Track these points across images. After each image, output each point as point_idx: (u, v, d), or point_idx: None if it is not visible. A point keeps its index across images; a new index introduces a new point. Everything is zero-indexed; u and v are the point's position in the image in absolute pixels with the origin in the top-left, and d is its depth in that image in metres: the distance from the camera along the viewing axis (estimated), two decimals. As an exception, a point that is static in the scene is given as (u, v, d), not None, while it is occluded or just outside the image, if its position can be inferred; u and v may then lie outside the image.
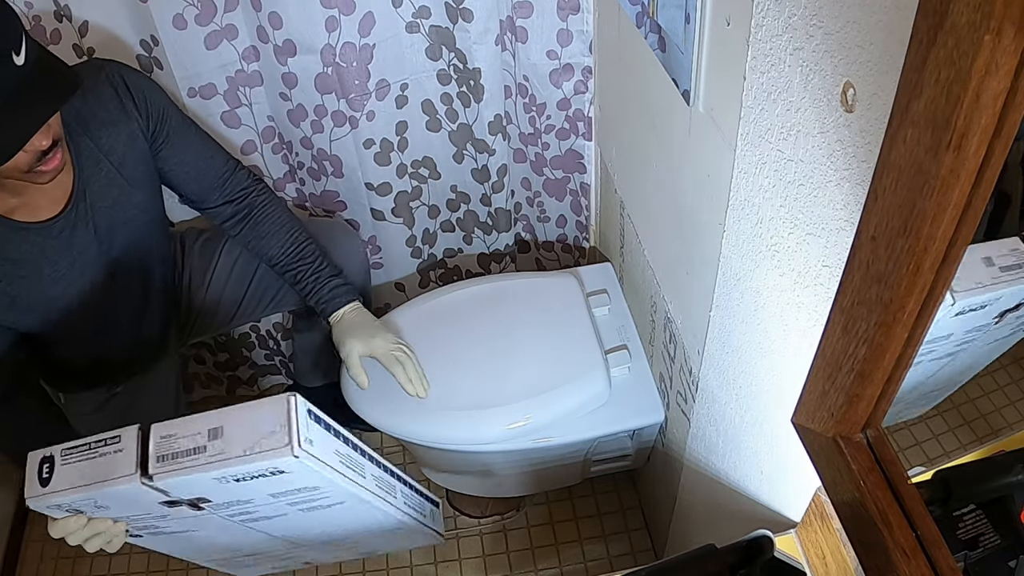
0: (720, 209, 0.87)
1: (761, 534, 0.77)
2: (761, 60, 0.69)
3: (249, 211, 1.35)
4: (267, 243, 1.36)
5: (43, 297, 1.14)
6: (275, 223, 1.36)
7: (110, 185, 1.17)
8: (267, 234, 1.35)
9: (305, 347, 1.68)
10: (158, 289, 1.37)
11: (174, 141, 1.23)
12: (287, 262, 1.36)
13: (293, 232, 1.36)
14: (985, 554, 0.66)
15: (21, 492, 0.87)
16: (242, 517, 0.91)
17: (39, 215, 1.10)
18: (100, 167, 1.15)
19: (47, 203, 1.11)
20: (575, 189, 1.64)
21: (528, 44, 1.40)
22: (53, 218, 1.12)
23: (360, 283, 1.57)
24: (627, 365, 1.39)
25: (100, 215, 1.17)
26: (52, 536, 0.92)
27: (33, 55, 0.95)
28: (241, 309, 1.50)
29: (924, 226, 0.46)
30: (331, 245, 1.49)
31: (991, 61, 0.37)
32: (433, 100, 1.48)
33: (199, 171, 1.28)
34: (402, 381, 1.32)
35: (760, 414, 0.90)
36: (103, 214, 1.17)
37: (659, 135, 1.09)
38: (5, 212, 1.07)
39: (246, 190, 1.35)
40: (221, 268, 1.46)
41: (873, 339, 0.54)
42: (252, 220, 1.35)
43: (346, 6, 1.28)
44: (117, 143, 1.16)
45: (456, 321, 1.45)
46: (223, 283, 1.46)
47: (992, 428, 0.67)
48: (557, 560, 1.65)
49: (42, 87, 0.95)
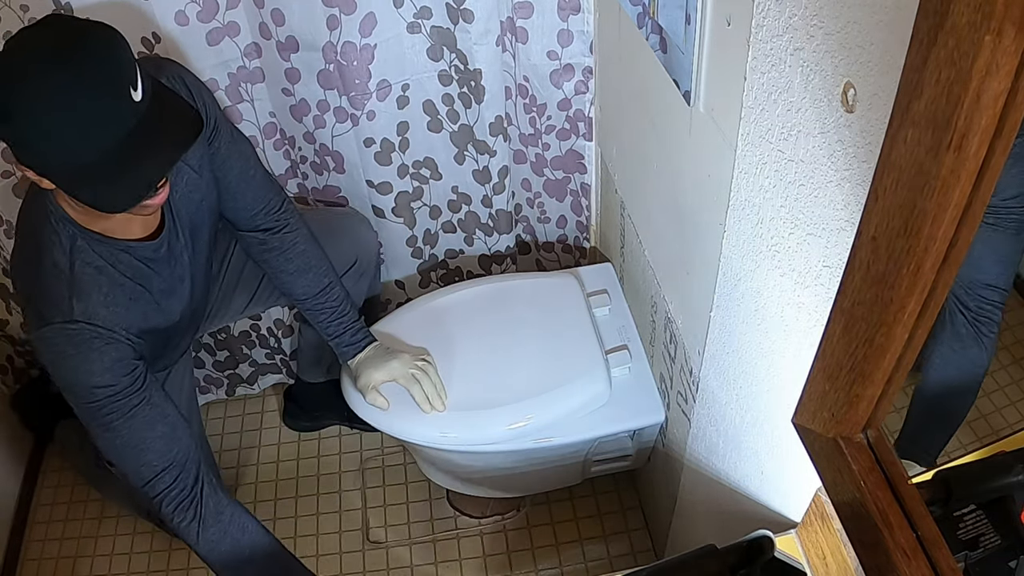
0: (721, 209, 0.87)
1: (761, 534, 0.77)
2: (762, 60, 0.69)
3: (280, 245, 1.31)
4: (294, 280, 1.34)
5: (167, 315, 1.14)
6: (306, 263, 1.33)
7: (191, 191, 1.16)
8: (296, 271, 1.33)
9: (311, 340, 1.68)
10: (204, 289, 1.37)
11: (222, 151, 1.19)
12: (312, 304, 1.35)
13: (321, 275, 1.34)
14: (985, 554, 0.66)
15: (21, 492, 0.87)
16: None
17: (132, 232, 1.07)
18: (181, 174, 1.13)
19: (144, 222, 1.09)
20: (575, 189, 1.64)
21: (528, 45, 1.40)
22: (152, 236, 1.10)
23: (372, 274, 1.59)
24: (627, 365, 1.39)
25: (185, 222, 1.16)
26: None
27: (150, 90, 0.91)
28: (256, 297, 1.51)
29: (924, 226, 0.46)
30: (347, 234, 1.50)
31: (991, 61, 0.37)
32: (434, 101, 1.48)
33: (239, 189, 1.24)
34: (419, 400, 1.32)
35: (760, 414, 0.90)
36: (187, 220, 1.16)
37: (660, 135, 1.09)
38: (105, 231, 1.03)
39: (282, 222, 1.31)
40: (236, 258, 1.46)
41: (873, 340, 0.54)
42: (283, 255, 1.32)
43: (347, 5, 1.28)
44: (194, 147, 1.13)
45: (457, 322, 1.45)
46: (239, 272, 1.47)
47: (992, 428, 0.67)
48: (557, 560, 1.65)
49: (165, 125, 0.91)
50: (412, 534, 1.71)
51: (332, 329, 1.37)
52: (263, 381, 1.92)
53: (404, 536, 1.71)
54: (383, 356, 1.35)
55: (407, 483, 1.79)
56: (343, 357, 1.38)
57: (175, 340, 1.25)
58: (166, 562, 1.68)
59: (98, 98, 0.85)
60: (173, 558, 1.69)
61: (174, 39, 1.29)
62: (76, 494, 1.79)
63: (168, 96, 0.95)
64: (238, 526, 1.11)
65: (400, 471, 1.81)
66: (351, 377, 1.37)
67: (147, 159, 0.90)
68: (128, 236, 1.07)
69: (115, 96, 0.87)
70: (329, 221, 1.50)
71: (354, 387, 1.36)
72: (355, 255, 1.52)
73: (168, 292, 1.15)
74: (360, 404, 1.36)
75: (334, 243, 1.47)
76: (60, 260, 1.01)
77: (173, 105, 0.95)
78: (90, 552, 1.69)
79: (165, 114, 0.92)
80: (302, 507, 1.77)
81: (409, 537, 1.71)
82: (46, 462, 1.84)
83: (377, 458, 1.84)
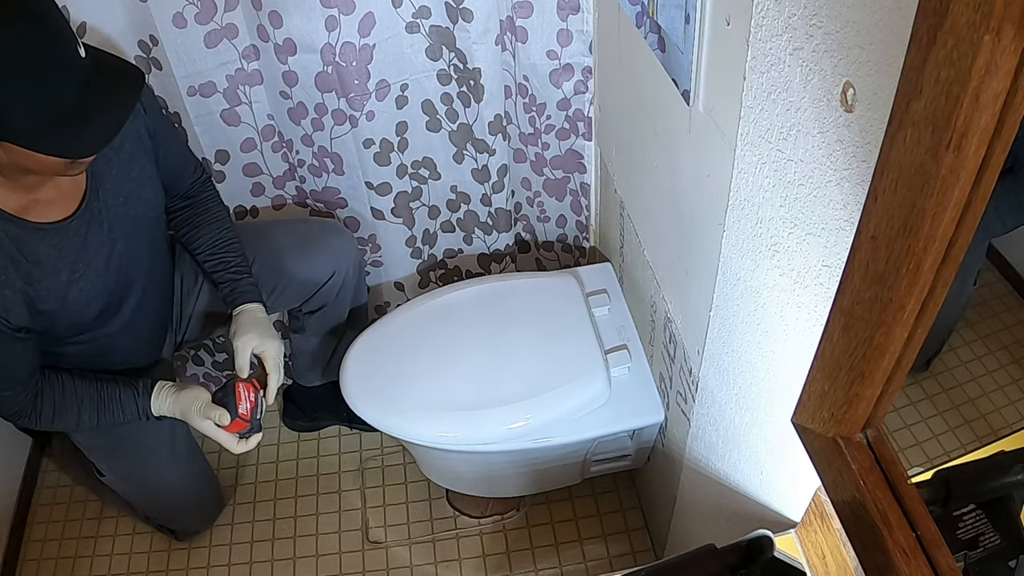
0: (720, 209, 0.87)
1: (761, 534, 0.77)
2: (761, 60, 0.69)
3: (192, 203, 1.38)
4: (198, 233, 1.38)
5: (62, 300, 1.13)
6: (211, 218, 1.38)
7: (121, 182, 1.17)
8: (201, 224, 1.38)
9: (303, 347, 1.68)
10: (160, 293, 1.37)
11: (161, 139, 1.24)
12: (212, 253, 1.37)
13: (225, 230, 1.39)
14: (985, 554, 0.65)
15: (21, 491, 0.87)
16: None
17: (52, 215, 1.09)
18: (110, 165, 1.15)
19: (61, 201, 1.10)
20: (575, 189, 1.64)
21: (528, 44, 1.40)
22: (68, 217, 1.11)
23: (354, 284, 1.57)
24: (627, 365, 1.38)
25: (112, 212, 1.16)
26: None
27: (90, 50, 0.96)
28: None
29: (924, 226, 0.46)
30: (323, 246, 1.49)
31: (991, 61, 0.37)
32: (433, 100, 1.48)
33: (176, 169, 1.30)
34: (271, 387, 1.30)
35: (760, 414, 0.90)
36: (115, 211, 1.17)
37: (659, 135, 1.09)
38: (18, 212, 1.05)
39: (200, 186, 1.38)
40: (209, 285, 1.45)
41: (873, 339, 0.54)
42: (191, 211, 1.38)
43: (346, 6, 1.28)
44: (126, 140, 1.16)
45: (456, 321, 1.45)
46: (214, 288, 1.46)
47: (992, 428, 0.67)
48: (557, 560, 1.65)
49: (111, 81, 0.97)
50: (411, 534, 1.71)
51: (227, 277, 1.36)
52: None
53: (403, 536, 1.71)
54: (267, 328, 1.33)
55: (406, 483, 1.79)
56: (231, 304, 1.35)
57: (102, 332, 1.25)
58: (166, 562, 1.68)
59: (58, 51, 0.91)
60: (173, 558, 1.69)
61: (172, 41, 1.29)
62: (76, 494, 1.79)
63: (101, 53, 1.00)
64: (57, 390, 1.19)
65: (399, 471, 1.81)
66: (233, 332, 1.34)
67: (109, 104, 0.96)
68: (47, 217, 1.09)
69: (69, 50, 0.93)
70: (304, 233, 1.50)
71: (355, 388, 1.36)
72: (332, 268, 1.51)
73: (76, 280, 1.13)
74: (360, 405, 1.36)
75: (309, 256, 1.48)
76: None
77: (111, 60, 1.00)
78: (90, 552, 1.69)
79: (108, 66, 0.99)
80: (301, 507, 1.77)
81: (408, 537, 1.71)
82: (46, 462, 1.84)
83: (376, 458, 1.84)
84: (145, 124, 1.19)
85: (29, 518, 1.75)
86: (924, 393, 0.68)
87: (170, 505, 1.60)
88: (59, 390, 1.20)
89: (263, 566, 1.68)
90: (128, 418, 1.24)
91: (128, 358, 1.35)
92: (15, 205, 1.05)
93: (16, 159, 0.96)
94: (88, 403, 1.21)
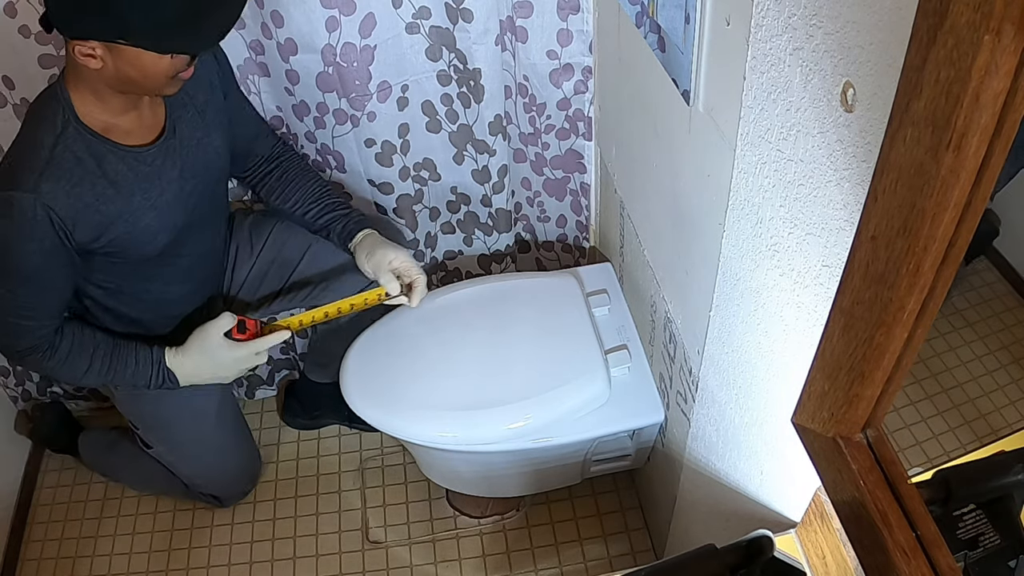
0: (720, 209, 0.87)
1: (761, 534, 0.77)
2: (761, 60, 0.69)
3: (279, 164, 1.43)
4: (293, 188, 1.42)
5: (132, 224, 1.17)
6: (301, 172, 1.43)
7: (195, 126, 1.23)
8: (293, 180, 1.43)
9: (321, 347, 1.68)
10: (217, 248, 1.42)
11: (234, 96, 1.32)
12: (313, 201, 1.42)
13: (316, 180, 1.44)
14: (985, 554, 0.65)
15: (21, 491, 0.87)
16: None
17: (130, 141, 1.14)
18: (186, 108, 1.22)
19: (139, 131, 1.15)
20: (575, 189, 1.64)
21: (528, 44, 1.40)
22: (147, 145, 1.16)
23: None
24: (627, 365, 1.38)
25: (186, 152, 1.22)
26: None
27: None
28: (285, 289, 1.52)
29: (924, 226, 0.46)
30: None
31: (991, 61, 0.37)
32: (433, 101, 1.48)
33: (252, 133, 1.37)
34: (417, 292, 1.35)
35: (760, 414, 0.90)
36: (188, 152, 1.22)
37: (659, 135, 1.09)
38: (101, 131, 1.10)
39: (282, 147, 1.44)
40: (269, 248, 1.49)
41: (873, 339, 0.54)
42: (280, 170, 1.43)
43: (346, 7, 1.28)
44: (200, 88, 1.22)
45: (456, 321, 1.45)
46: (268, 263, 1.49)
47: (992, 428, 0.67)
48: (557, 560, 1.65)
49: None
50: (411, 534, 1.71)
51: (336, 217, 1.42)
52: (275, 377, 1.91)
53: (403, 536, 1.71)
54: (386, 242, 1.37)
55: (406, 483, 1.79)
56: (349, 235, 1.39)
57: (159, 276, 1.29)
58: (166, 562, 1.68)
59: None
60: (173, 558, 1.69)
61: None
62: (76, 494, 1.79)
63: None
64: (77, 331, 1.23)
65: (399, 471, 1.81)
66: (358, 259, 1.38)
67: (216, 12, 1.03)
68: (126, 141, 1.13)
69: None
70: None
71: (355, 389, 1.36)
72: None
73: (145, 208, 1.17)
74: (360, 405, 1.36)
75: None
76: (46, 139, 1.07)
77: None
78: (90, 552, 1.69)
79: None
80: (302, 507, 1.77)
81: (408, 537, 1.71)
82: (46, 462, 1.84)
83: (376, 458, 1.84)
84: (219, 78, 1.26)
85: (29, 518, 1.75)
86: (924, 393, 0.68)
87: (218, 470, 1.62)
88: (79, 331, 1.23)
89: (263, 566, 1.68)
90: (140, 369, 1.27)
91: (178, 312, 1.39)
92: (99, 126, 1.10)
93: (122, 67, 1.02)
94: (103, 349, 1.25)
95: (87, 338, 1.23)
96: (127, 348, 1.27)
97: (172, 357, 1.29)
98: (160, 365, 1.28)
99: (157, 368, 1.28)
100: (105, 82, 1.05)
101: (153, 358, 1.28)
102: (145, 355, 1.27)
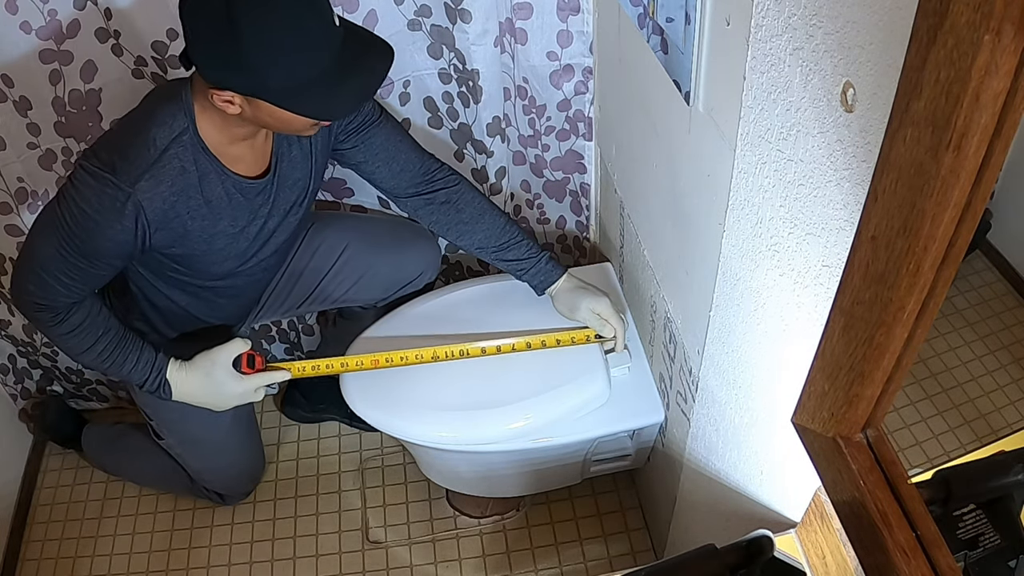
0: (720, 209, 0.87)
1: (761, 534, 0.77)
2: (761, 60, 0.69)
3: (447, 200, 1.36)
4: (473, 231, 1.37)
5: (209, 244, 1.17)
6: (478, 214, 1.37)
7: (296, 166, 1.23)
8: (470, 220, 1.37)
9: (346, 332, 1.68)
10: (269, 274, 1.42)
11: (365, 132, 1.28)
12: (497, 249, 1.38)
13: (497, 217, 1.38)
14: (985, 554, 0.66)
15: (21, 491, 0.87)
16: None
17: (237, 167, 1.15)
18: (292, 148, 1.22)
19: (245, 163, 1.16)
20: (575, 190, 1.64)
21: (528, 46, 1.40)
22: (251, 178, 1.16)
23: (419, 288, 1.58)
24: (627, 365, 1.38)
25: (280, 192, 1.22)
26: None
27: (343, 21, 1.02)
28: (314, 295, 1.52)
29: (924, 226, 0.46)
30: (415, 248, 1.52)
31: (991, 61, 0.37)
32: (435, 98, 1.49)
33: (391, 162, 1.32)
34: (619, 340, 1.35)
35: (760, 414, 0.90)
36: (283, 191, 1.23)
37: (659, 135, 1.09)
38: (213, 149, 1.11)
39: (438, 180, 1.36)
40: (302, 252, 1.48)
41: (873, 339, 0.55)
42: (453, 208, 1.36)
43: (349, 4, 1.29)
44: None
45: (456, 321, 1.45)
46: (302, 266, 1.49)
47: (992, 428, 0.67)
48: (557, 560, 1.65)
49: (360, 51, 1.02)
50: (411, 534, 1.71)
51: (526, 265, 1.38)
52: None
53: (403, 536, 1.71)
54: (585, 288, 1.36)
55: (406, 483, 1.79)
56: (541, 287, 1.38)
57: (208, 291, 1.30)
58: (166, 562, 1.68)
59: (319, 20, 0.97)
60: (173, 558, 1.69)
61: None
62: (76, 494, 1.79)
63: (351, 24, 1.05)
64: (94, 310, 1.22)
65: (400, 471, 1.81)
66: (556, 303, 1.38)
67: (359, 74, 1.02)
68: (232, 167, 1.14)
69: (328, 20, 0.99)
70: (398, 232, 1.53)
71: (355, 389, 1.36)
72: (420, 269, 1.53)
73: (227, 234, 1.18)
74: (360, 405, 1.36)
75: (401, 255, 1.51)
76: (160, 139, 1.07)
77: (362, 32, 1.06)
78: (90, 552, 1.69)
79: (359, 37, 1.04)
80: (302, 507, 1.77)
81: (408, 537, 1.71)
82: (46, 462, 1.84)
83: (376, 458, 1.84)
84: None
85: (29, 518, 1.75)
86: (924, 393, 0.68)
87: (228, 466, 1.63)
88: (95, 310, 1.22)
89: (263, 566, 1.68)
90: (139, 368, 1.26)
91: (220, 315, 1.40)
92: (213, 144, 1.11)
93: (260, 115, 1.03)
94: (111, 336, 1.23)
95: (100, 320, 1.22)
96: (133, 344, 1.26)
97: (175, 371, 1.28)
98: (160, 373, 1.27)
99: (156, 375, 1.27)
100: (236, 117, 1.05)
101: (155, 364, 1.27)
102: (148, 358, 1.27)
